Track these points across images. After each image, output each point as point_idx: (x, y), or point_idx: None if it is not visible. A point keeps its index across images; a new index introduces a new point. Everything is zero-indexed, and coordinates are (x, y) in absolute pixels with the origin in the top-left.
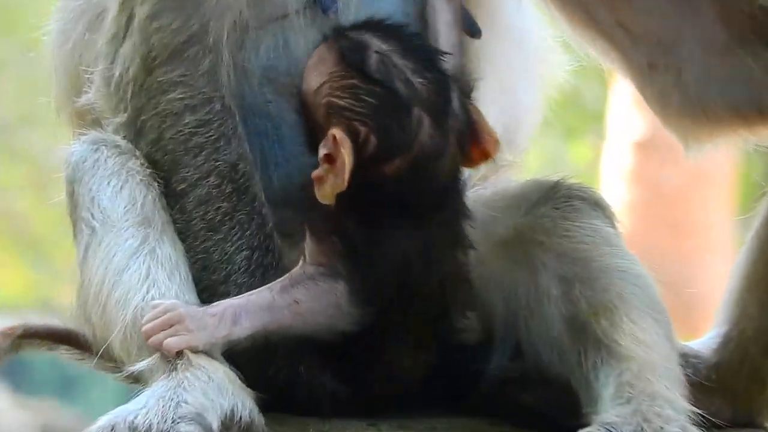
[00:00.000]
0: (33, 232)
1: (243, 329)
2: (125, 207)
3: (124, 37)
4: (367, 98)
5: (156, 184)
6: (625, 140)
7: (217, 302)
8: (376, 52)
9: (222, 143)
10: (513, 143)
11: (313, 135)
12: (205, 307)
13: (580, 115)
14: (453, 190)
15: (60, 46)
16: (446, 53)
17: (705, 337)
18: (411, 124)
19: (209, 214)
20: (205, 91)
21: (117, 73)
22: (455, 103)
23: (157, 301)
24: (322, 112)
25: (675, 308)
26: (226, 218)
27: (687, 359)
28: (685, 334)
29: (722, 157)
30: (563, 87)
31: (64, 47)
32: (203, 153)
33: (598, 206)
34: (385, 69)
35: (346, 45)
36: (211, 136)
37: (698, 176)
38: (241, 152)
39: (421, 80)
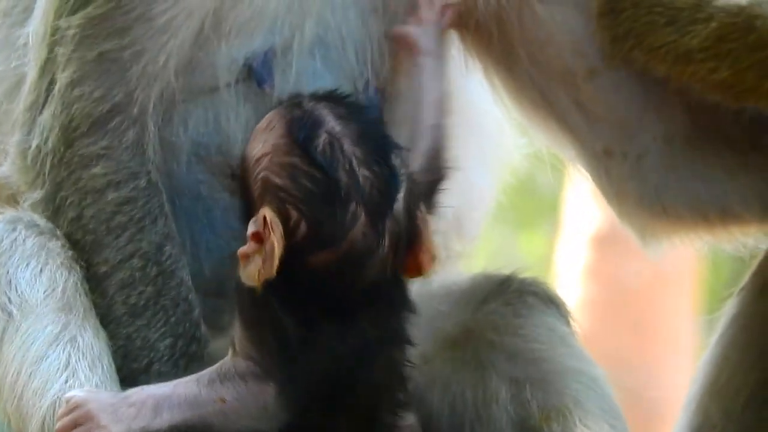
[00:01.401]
0: None
1: (162, 422)
2: (45, 291)
3: (43, 105)
4: (304, 182)
5: (78, 267)
6: (582, 233)
7: (140, 388)
8: (327, 132)
9: (147, 222)
10: (464, 230)
11: (246, 205)
12: (124, 394)
13: (533, 204)
14: (389, 287)
15: None
16: (402, 148)
17: None
18: (345, 218)
19: (131, 298)
20: (130, 165)
21: (34, 145)
22: (399, 204)
23: (69, 394)
24: (258, 186)
25: (633, 413)
26: (150, 303)
27: None
28: None
29: (686, 253)
30: (518, 172)
31: None
32: (126, 233)
33: (552, 303)
34: (331, 154)
35: (297, 117)
36: (135, 214)
37: (660, 274)
38: (167, 232)
39: (366, 173)
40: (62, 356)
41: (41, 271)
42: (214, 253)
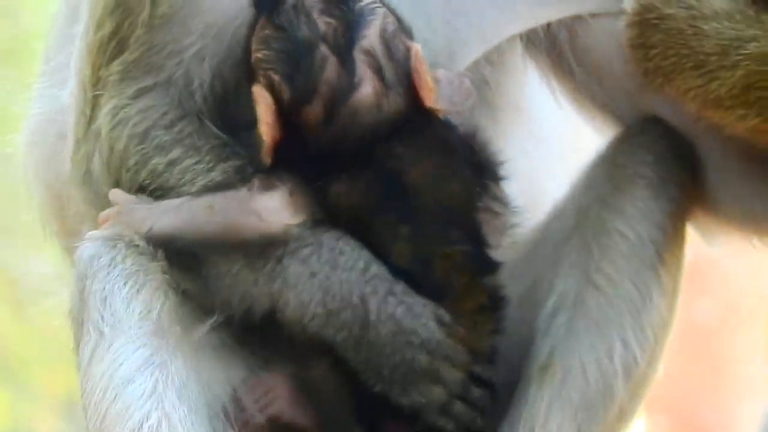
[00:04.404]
0: (9, 352)
1: (164, 223)
2: (140, 313)
3: (91, 156)
4: (274, 46)
5: (173, 291)
6: None
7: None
8: None
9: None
10: None
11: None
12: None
13: None
14: (412, 123)
15: (32, 156)
16: None
17: None
18: (314, 64)
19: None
20: None
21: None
22: (370, 39)
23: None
24: (252, 69)
25: None
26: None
27: None
28: None
29: (759, 292)
30: None
31: (37, 156)
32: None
33: None
34: (293, 13)
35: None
36: None
37: (735, 309)
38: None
39: (327, 19)
40: (149, 381)
41: (138, 291)
42: None
